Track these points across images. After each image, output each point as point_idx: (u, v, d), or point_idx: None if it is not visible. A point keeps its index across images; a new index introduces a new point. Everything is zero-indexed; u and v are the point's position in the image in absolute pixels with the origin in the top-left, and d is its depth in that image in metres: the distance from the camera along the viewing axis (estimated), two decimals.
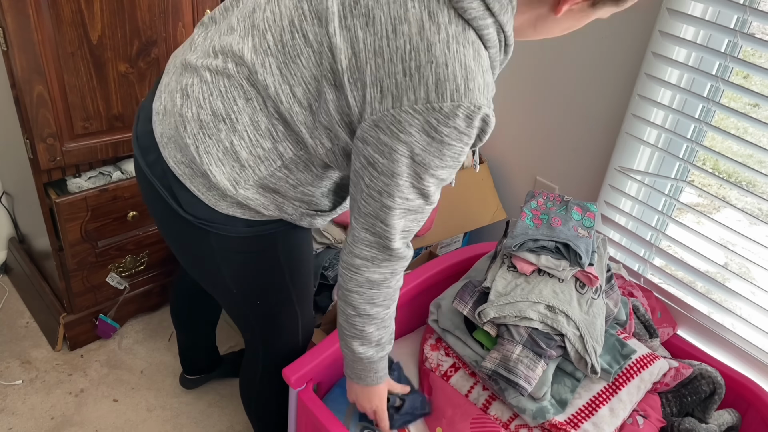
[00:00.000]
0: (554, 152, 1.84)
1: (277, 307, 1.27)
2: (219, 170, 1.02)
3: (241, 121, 0.99)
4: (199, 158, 1.03)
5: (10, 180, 2.05)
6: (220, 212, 1.08)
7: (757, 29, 2.11)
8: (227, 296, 1.26)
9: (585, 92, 1.70)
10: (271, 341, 1.36)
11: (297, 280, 1.25)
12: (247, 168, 1.02)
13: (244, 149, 1.01)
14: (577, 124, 1.75)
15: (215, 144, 1.01)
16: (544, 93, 1.80)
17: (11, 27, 1.47)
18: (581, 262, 1.28)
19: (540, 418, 1.22)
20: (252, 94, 0.98)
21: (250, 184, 1.04)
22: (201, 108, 1.02)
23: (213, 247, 1.14)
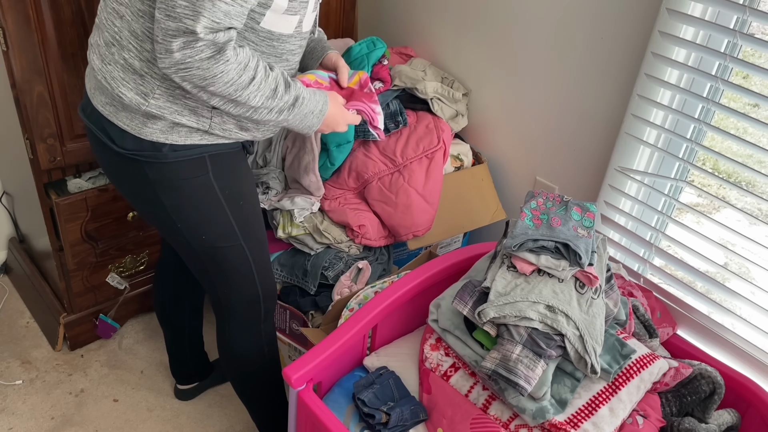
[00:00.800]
0: (554, 152, 1.84)
1: (222, 242, 1.33)
2: (126, 88, 1.16)
3: (124, 37, 1.14)
4: (109, 86, 1.17)
5: (10, 180, 2.05)
6: (145, 140, 1.20)
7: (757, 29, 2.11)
8: (175, 235, 1.33)
9: (585, 92, 1.70)
10: (228, 290, 1.41)
11: (236, 210, 1.32)
12: (145, 75, 1.15)
13: (135, 59, 1.14)
14: (577, 124, 1.75)
15: (114, 67, 1.16)
16: (544, 93, 1.80)
17: (11, 27, 1.47)
18: (581, 262, 1.28)
19: (540, 418, 1.23)
20: (122, 11, 1.12)
21: (158, 93, 1.16)
22: (98, 46, 1.19)
23: (149, 178, 1.24)
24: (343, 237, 1.78)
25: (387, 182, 1.77)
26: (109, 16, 1.15)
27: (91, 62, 1.22)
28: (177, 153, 1.22)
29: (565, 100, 1.76)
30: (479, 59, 1.94)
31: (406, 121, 1.81)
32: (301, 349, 1.76)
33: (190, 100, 1.18)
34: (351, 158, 1.80)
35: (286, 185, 1.86)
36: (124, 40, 1.14)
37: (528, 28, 1.78)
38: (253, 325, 1.49)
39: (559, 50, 1.72)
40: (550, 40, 1.73)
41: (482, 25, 1.90)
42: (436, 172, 1.80)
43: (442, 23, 2.01)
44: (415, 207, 1.76)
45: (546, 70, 1.77)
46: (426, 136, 1.80)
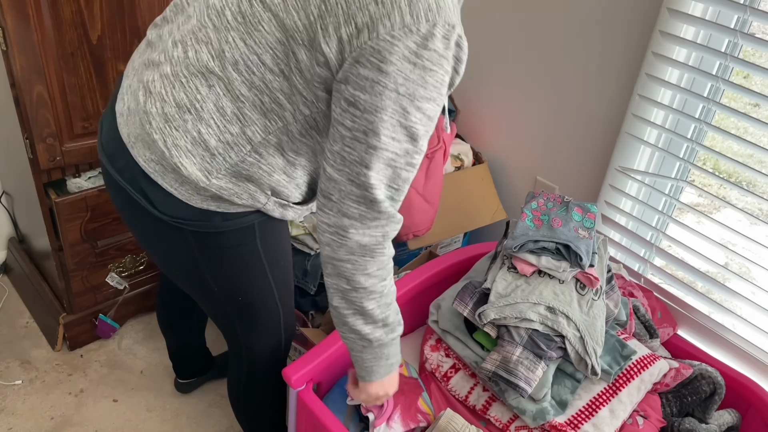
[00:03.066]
0: (554, 152, 1.84)
1: (258, 302, 1.24)
2: (189, 161, 1.01)
3: (207, 109, 0.99)
4: (168, 152, 1.01)
5: (10, 180, 2.05)
6: (194, 207, 1.06)
7: (757, 29, 2.11)
8: (208, 296, 1.24)
9: (585, 92, 1.70)
10: (254, 340, 1.33)
11: (277, 273, 1.23)
12: (217, 156, 1.01)
13: (212, 137, 1.00)
14: (577, 124, 1.75)
15: (183, 135, 1.01)
16: (545, 93, 1.80)
17: (11, 27, 1.47)
18: (582, 263, 1.28)
19: (540, 420, 1.22)
20: (214, 80, 0.97)
21: (222, 174, 1.02)
22: (165, 102, 1.01)
23: (190, 245, 1.12)
24: None
25: None
26: (193, 78, 0.99)
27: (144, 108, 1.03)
28: (228, 222, 1.09)
29: (565, 100, 1.75)
30: (480, 59, 1.94)
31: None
32: (301, 349, 1.76)
33: (253, 184, 1.05)
34: None
35: None
36: (205, 113, 0.99)
37: (528, 28, 1.77)
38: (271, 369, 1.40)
39: (560, 50, 1.72)
40: (551, 40, 1.73)
41: (483, 25, 1.90)
42: (437, 172, 1.80)
43: None
44: (415, 207, 1.76)
45: (546, 70, 1.77)
46: None
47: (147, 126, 1.03)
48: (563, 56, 1.72)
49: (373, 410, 1.26)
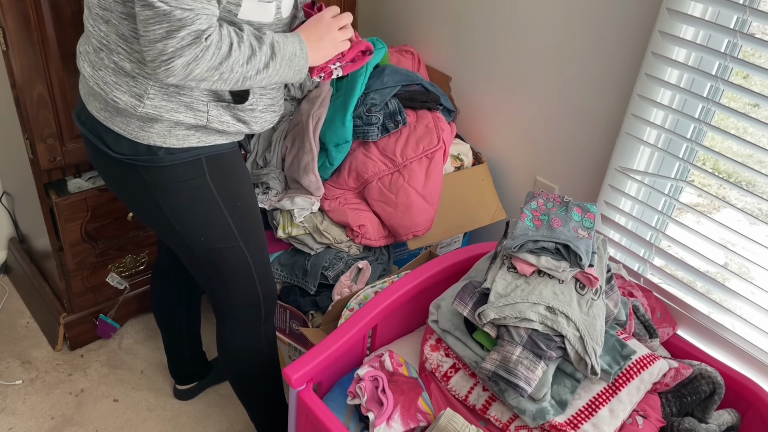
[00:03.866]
0: (554, 152, 1.84)
1: (221, 243, 1.33)
2: (120, 92, 1.16)
3: (112, 41, 1.14)
4: (103, 92, 1.17)
5: (10, 180, 2.05)
6: (141, 144, 1.20)
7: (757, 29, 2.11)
8: (175, 238, 1.33)
9: (585, 92, 1.70)
10: (228, 292, 1.41)
11: (236, 214, 1.32)
12: (138, 77, 1.14)
13: (125, 61, 1.14)
14: (577, 124, 1.75)
15: (105, 72, 1.16)
16: (545, 93, 1.80)
17: (11, 27, 1.47)
18: (581, 263, 1.28)
19: (540, 419, 1.23)
20: (108, 16, 1.12)
21: (152, 93, 1.15)
22: (88, 53, 1.19)
23: (146, 182, 1.24)
24: (343, 237, 1.78)
25: (387, 182, 1.77)
26: (95, 23, 1.15)
27: (82, 70, 1.22)
28: (173, 156, 1.22)
29: (565, 100, 1.75)
30: (480, 59, 1.94)
31: (405, 120, 1.81)
32: (301, 349, 1.76)
33: (185, 95, 1.17)
34: (351, 158, 1.80)
35: (286, 185, 1.86)
36: (112, 44, 1.14)
37: (528, 28, 1.78)
38: (253, 327, 1.48)
39: (560, 50, 1.72)
40: (551, 40, 1.73)
41: (483, 25, 1.90)
42: (436, 172, 1.80)
43: (443, 23, 2.01)
44: (415, 207, 1.76)
45: (546, 70, 1.77)
46: (426, 135, 1.80)
47: (87, 80, 1.21)
48: (563, 56, 1.72)
49: (373, 410, 1.26)
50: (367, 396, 1.28)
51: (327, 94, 1.83)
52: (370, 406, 1.27)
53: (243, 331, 1.48)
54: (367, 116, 1.76)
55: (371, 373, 1.30)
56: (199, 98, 1.19)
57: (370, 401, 1.27)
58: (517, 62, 1.84)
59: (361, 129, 1.76)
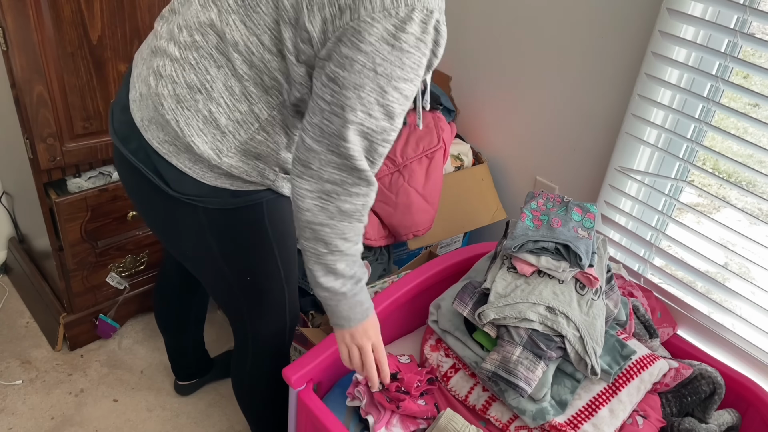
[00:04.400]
0: (554, 152, 1.84)
1: (266, 283, 1.29)
2: (201, 140, 1.07)
3: (216, 89, 1.04)
4: (181, 132, 1.07)
5: (10, 180, 2.05)
6: (207, 185, 1.11)
7: (757, 29, 2.11)
8: (218, 277, 1.28)
9: (585, 92, 1.70)
10: (259, 325, 1.37)
11: (284, 253, 1.27)
12: (228, 134, 1.07)
13: (222, 115, 1.05)
14: (577, 124, 1.75)
15: (194, 115, 1.06)
16: (544, 93, 1.80)
17: (11, 27, 1.47)
18: (581, 264, 1.28)
19: (540, 420, 1.23)
20: (222, 61, 1.03)
21: (233, 152, 1.08)
22: (176, 83, 1.06)
23: (202, 222, 1.16)
24: None
25: (387, 182, 1.77)
26: (203, 60, 1.04)
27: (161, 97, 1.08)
28: (238, 199, 1.14)
29: (565, 100, 1.75)
30: (480, 59, 1.94)
31: (405, 120, 1.81)
32: (301, 349, 1.76)
33: (261, 162, 1.11)
34: None
35: None
36: (215, 92, 1.05)
37: (528, 28, 1.78)
38: (276, 355, 1.44)
39: (560, 50, 1.72)
40: (551, 40, 1.73)
41: (483, 25, 1.90)
42: (436, 172, 1.80)
43: None
44: (415, 207, 1.76)
45: (546, 70, 1.77)
46: (426, 135, 1.80)
47: (159, 108, 1.08)
48: (563, 56, 1.72)
49: (372, 413, 1.26)
50: (366, 399, 1.28)
51: None
52: (369, 409, 1.26)
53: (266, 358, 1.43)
54: None
55: None
56: (272, 168, 1.13)
57: (369, 405, 1.27)
58: (517, 62, 1.84)
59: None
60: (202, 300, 1.71)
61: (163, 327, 1.73)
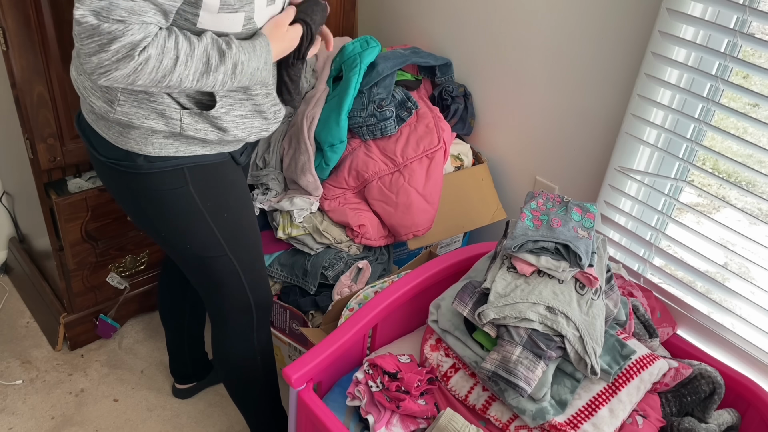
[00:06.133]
0: (554, 152, 1.84)
1: (206, 252, 1.33)
2: (95, 97, 1.17)
3: None
4: (82, 96, 1.20)
5: (10, 180, 2.05)
6: (121, 149, 1.20)
7: (757, 29, 2.11)
8: (161, 242, 1.35)
9: (585, 92, 1.70)
10: (221, 299, 1.41)
11: (222, 225, 1.31)
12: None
13: None
14: (577, 124, 1.75)
15: (85, 77, 1.17)
16: (545, 93, 1.80)
17: (11, 27, 1.47)
18: (581, 263, 1.28)
19: (540, 419, 1.23)
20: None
21: (122, 100, 1.14)
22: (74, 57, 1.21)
23: (130, 187, 1.25)
24: (343, 237, 1.78)
25: (387, 182, 1.77)
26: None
27: (71, 73, 1.24)
28: (152, 164, 1.21)
29: (565, 100, 1.76)
30: (479, 59, 1.94)
31: (416, 103, 1.82)
32: (301, 349, 1.76)
33: (156, 102, 1.15)
34: (351, 157, 1.80)
35: (286, 186, 1.86)
36: None
37: (528, 27, 1.78)
38: (245, 334, 1.48)
39: (560, 50, 1.72)
40: (551, 40, 1.73)
41: (483, 25, 1.90)
42: (437, 172, 1.80)
43: (443, 23, 2.01)
44: (416, 207, 1.76)
45: (546, 70, 1.78)
46: (426, 135, 1.80)
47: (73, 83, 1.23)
48: (563, 56, 1.72)
49: (372, 412, 1.26)
50: (366, 399, 1.28)
51: (322, 94, 1.83)
52: (369, 409, 1.27)
53: (235, 336, 1.47)
54: (380, 112, 1.75)
55: (368, 379, 1.30)
56: (171, 105, 1.16)
57: (369, 404, 1.27)
58: (517, 62, 1.84)
59: (378, 126, 1.76)
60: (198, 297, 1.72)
61: (163, 316, 1.76)
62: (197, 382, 1.90)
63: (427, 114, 1.86)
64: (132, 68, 1.01)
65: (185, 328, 1.77)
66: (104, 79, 1.03)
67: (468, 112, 1.97)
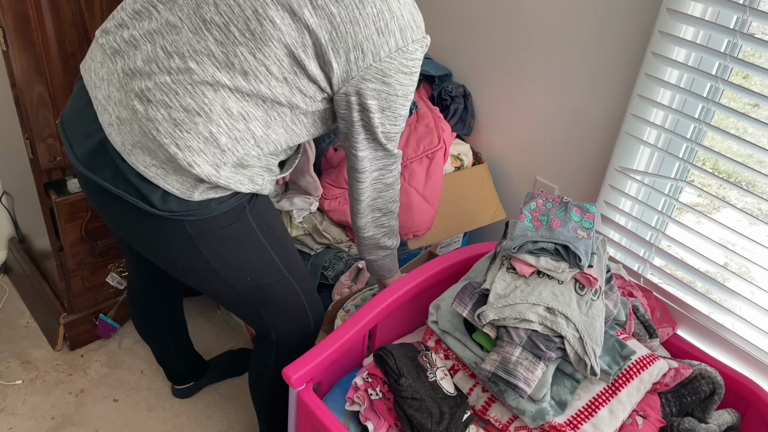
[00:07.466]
0: (554, 152, 1.84)
1: (267, 279, 1.32)
2: (202, 159, 1.11)
3: (215, 111, 1.09)
4: (181, 153, 1.10)
5: (10, 180, 2.05)
6: (193, 201, 1.16)
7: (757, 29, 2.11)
8: (218, 284, 1.30)
9: (585, 92, 1.70)
10: (281, 322, 1.40)
11: (276, 245, 1.32)
12: (227, 151, 1.13)
13: (222, 135, 1.11)
14: (576, 124, 1.75)
15: (194, 137, 1.10)
16: (544, 93, 1.80)
17: (11, 27, 1.47)
18: (580, 264, 1.28)
19: (539, 420, 1.23)
20: (219, 86, 1.09)
21: (229, 165, 1.14)
22: (170, 108, 1.09)
23: (190, 234, 1.20)
24: (342, 237, 1.78)
25: None
26: (198, 85, 1.08)
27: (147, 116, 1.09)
28: (222, 204, 1.20)
29: (565, 100, 1.76)
30: (479, 59, 1.94)
31: (416, 103, 1.82)
32: None
33: (252, 170, 1.18)
34: None
35: (286, 187, 1.86)
36: (214, 114, 1.09)
37: (528, 27, 1.78)
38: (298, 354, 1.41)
39: (559, 50, 1.72)
40: (551, 40, 1.73)
41: (483, 25, 1.90)
42: (437, 172, 1.80)
43: (443, 23, 2.01)
44: (416, 207, 1.76)
45: (546, 70, 1.77)
46: (426, 135, 1.80)
47: (154, 132, 1.10)
48: (563, 56, 1.72)
49: (371, 419, 1.26)
50: (366, 405, 1.28)
51: None
52: (369, 415, 1.26)
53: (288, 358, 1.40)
54: None
55: (368, 387, 1.30)
56: (259, 173, 1.20)
57: (369, 410, 1.27)
58: (517, 62, 1.84)
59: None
60: (172, 311, 1.72)
61: (143, 336, 1.75)
62: (195, 382, 1.90)
63: (427, 114, 1.86)
64: (387, 197, 1.35)
65: (167, 342, 1.76)
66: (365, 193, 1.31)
67: (468, 112, 1.97)
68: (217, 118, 1.10)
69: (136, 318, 1.71)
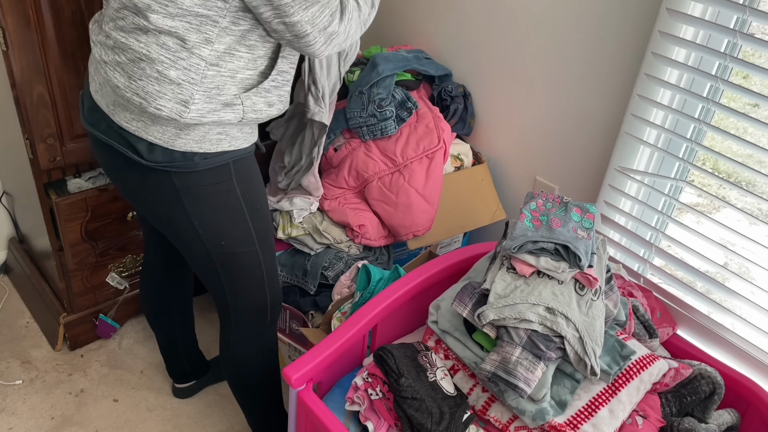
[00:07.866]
0: (554, 152, 1.84)
1: (239, 248, 1.35)
2: (164, 100, 1.16)
3: (153, 50, 1.14)
4: (144, 102, 1.16)
5: (10, 180, 2.05)
6: (177, 151, 1.22)
7: (757, 29, 2.11)
8: (194, 243, 1.34)
9: (585, 92, 1.70)
10: (239, 297, 1.43)
11: (256, 219, 1.35)
12: (183, 83, 1.15)
13: (170, 69, 1.14)
14: (577, 124, 1.75)
15: (147, 82, 1.15)
16: (544, 93, 1.80)
17: (11, 27, 1.47)
18: (580, 264, 1.28)
19: (539, 420, 1.23)
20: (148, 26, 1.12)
21: (197, 98, 1.16)
22: (120, 64, 1.17)
23: (176, 187, 1.26)
24: (342, 237, 1.78)
25: (387, 182, 1.77)
26: (129, 35, 1.15)
27: (114, 80, 1.19)
28: (207, 161, 1.24)
29: (565, 100, 1.76)
30: (479, 59, 1.94)
31: (416, 104, 1.82)
32: (301, 349, 1.76)
33: (222, 95, 1.19)
34: (351, 157, 1.80)
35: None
36: (154, 53, 1.14)
37: (528, 27, 1.78)
38: (258, 333, 1.50)
39: (559, 50, 1.72)
40: (551, 40, 1.73)
41: (483, 25, 1.90)
42: (437, 172, 1.80)
43: (443, 22, 2.01)
44: (416, 207, 1.76)
45: (546, 70, 1.77)
46: (426, 135, 1.80)
47: (117, 90, 1.19)
48: (563, 56, 1.72)
49: (371, 419, 1.26)
50: (366, 405, 1.28)
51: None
52: (369, 415, 1.26)
53: (248, 336, 1.49)
54: (380, 112, 1.75)
55: (368, 387, 1.30)
56: (232, 93, 1.20)
57: (369, 410, 1.27)
58: (517, 62, 1.84)
59: (378, 126, 1.77)
60: (182, 297, 1.73)
61: (150, 319, 1.76)
62: (197, 381, 1.90)
63: (427, 114, 1.86)
64: (353, 26, 1.19)
65: (174, 330, 1.77)
66: (331, 45, 1.17)
67: (468, 112, 1.97)
68: (157, 56, 1.14)
69: (146, 296, 1.72)
